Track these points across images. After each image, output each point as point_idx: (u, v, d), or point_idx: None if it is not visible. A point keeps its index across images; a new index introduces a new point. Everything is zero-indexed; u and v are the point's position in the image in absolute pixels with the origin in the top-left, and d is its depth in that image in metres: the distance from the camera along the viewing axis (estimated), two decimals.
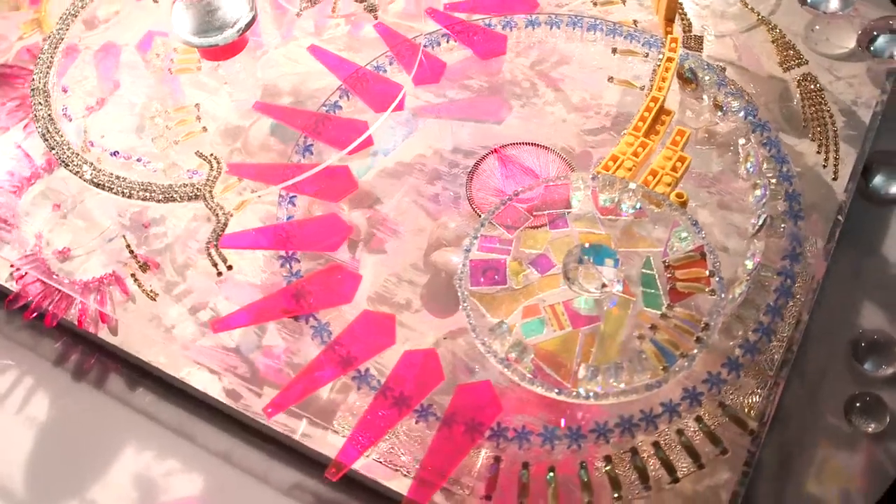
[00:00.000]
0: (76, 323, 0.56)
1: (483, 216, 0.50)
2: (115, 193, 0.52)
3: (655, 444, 0.46)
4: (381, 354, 0.48)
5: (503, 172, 0.54)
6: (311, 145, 0.56)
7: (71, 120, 0.57)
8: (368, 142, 0.56)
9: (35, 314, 0.58)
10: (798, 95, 0.58)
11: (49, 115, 0.56)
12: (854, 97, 0.58)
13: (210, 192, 0.52)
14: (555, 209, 0.51)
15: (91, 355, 0.57)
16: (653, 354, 0.45)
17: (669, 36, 0.58)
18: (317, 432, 0.48)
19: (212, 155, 0.53)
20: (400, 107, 0.57)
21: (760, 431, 0.46)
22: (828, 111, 0.56)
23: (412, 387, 0.47)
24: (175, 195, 0.52)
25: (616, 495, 0.44)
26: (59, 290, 0.58)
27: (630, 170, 0.52)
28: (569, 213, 0.50)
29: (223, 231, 0.51)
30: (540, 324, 0.47)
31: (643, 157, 0.52)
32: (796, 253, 0.49)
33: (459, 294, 0.48)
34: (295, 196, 0.54)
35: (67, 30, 0.60)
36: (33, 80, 0.58)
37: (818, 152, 0.55)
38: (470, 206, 0.53)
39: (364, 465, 0.47)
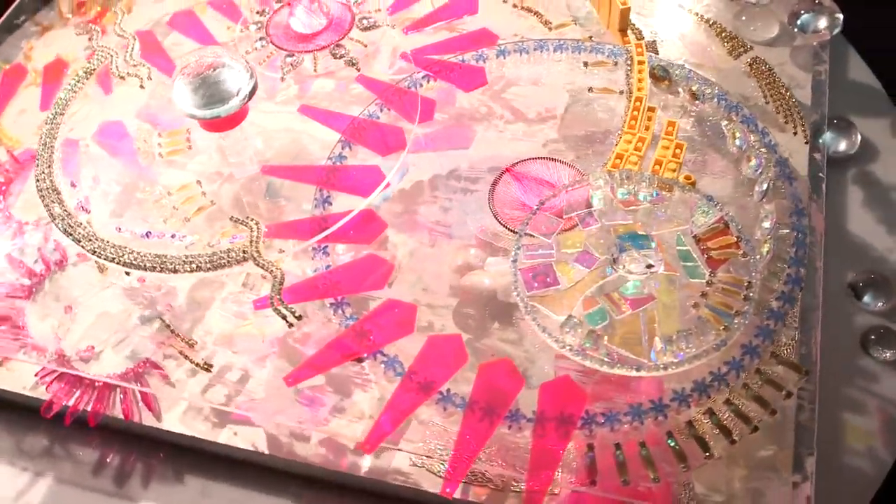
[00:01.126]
0: (122, 416, 0.55)
1: (519, 228, 0.53)
2: (160, 272, 0.53)
3: (727, 402, 0.49)
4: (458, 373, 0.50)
5: (521, 187, 0.57)
6: (329, 196, 0.58)
7: (89, 212, 0.57)
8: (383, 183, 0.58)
9: (74, 417, 0.57)
10: (753, 78, 0.64)
11: (66, 211, 0.56)
12: (800, 71, 0.65)
13: (258, 252, 0.52)
14: (581, 209, 0.54)
15: (134, 447, 0.57)
16: (711, 318, 0.49)
17: (634, 42, 0.63)
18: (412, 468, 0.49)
19: (248, 217, 0.54)
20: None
21: (813, 371, 0.50)
22: (783, 86, 0.63)
23: (496, 397, 0.49)
24: (224, 262, 0.52)
25: (707, 454, 0.47)
26: (95, 388, 0.57)
27: (636, 164, 0.57)
28: (594, 210, 0.54)
29: (282, 285, 0.51)
30: (602, 312, 0.50)
31: (644, 150, 0.57)
32: (800, 209, 0.54)
33: (520, 302, 0.51)
34: (326, 246, 0.56)
35: (58, 128, 0.60)
36: (38, 181, 0.58)
37: (786, 122, 0.61)
38: (498, 221, 0.56)
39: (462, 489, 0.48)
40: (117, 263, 0.54)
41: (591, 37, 0.67)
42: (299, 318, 0.51)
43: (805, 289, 0.52)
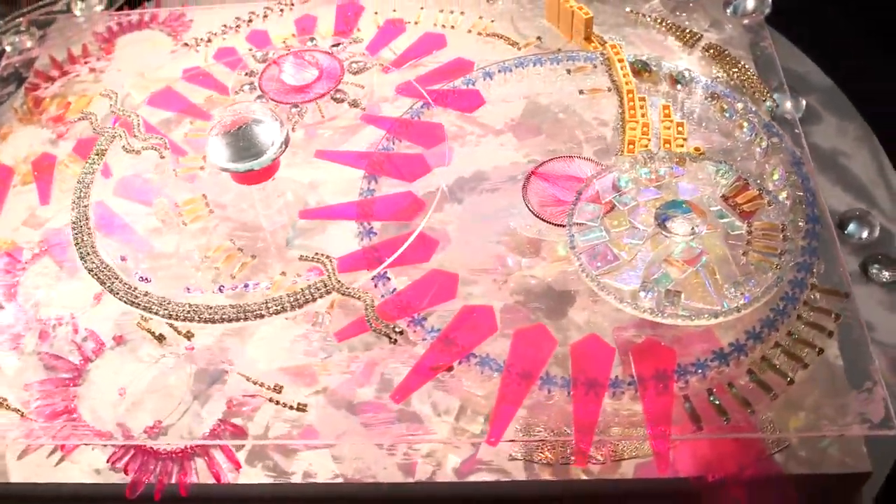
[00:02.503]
0: (214, 480, 0.55)
1: (567, 220, 0.57)
2: (249, 320, 0.53)
3: (789, 333, 0.54)
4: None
5: (552, 184, 0.61)
6: (371, 227, 0.60)
7: (149, 281, 0.56)
8: (422, 206, 0.61)
9: (163, 493, 0.56)
10: (713, 60, 0.71)
11: (127, 285, 0.55)
12: (750, 47, 0.73)
13: (339, 282, 0.54)
14: (613, 194, 0.59)
15: None
16: (762, 260, 0.54)
17: (609, 44, 0.69)
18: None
19: (316, 254, 0.55)
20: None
21: (851, 293, 0.56)
22: (742, 64, 0.70)
23: (593, 371, 0.52)
24: (308, 298, 0.53)
25: (788, 380, 0.52)
26: (175, 459, 0.56)
27: (646, 146, 0.62)
28: (625, 192, 0.59)
29: (374, 306, 0.53)
30: (666, 275, 0.54)
31: (650, 134, 0.63)
32: (798, 159, 0.61)
33: (590, 282, 0.54)
34: (386, 273, 0.58)
35: (87, 210, 0.59)
36: (84, 261, 0.57)
37: (753, 93, 0.68)
38: (541, 219, 0.60)
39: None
40: (198, 322, 0.54)
41: (559, 49, 0.73)
42: (401, 333, 0.53)
43: (822, 225, 0.58)
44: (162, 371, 0.59)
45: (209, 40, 0.78)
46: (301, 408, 0.54)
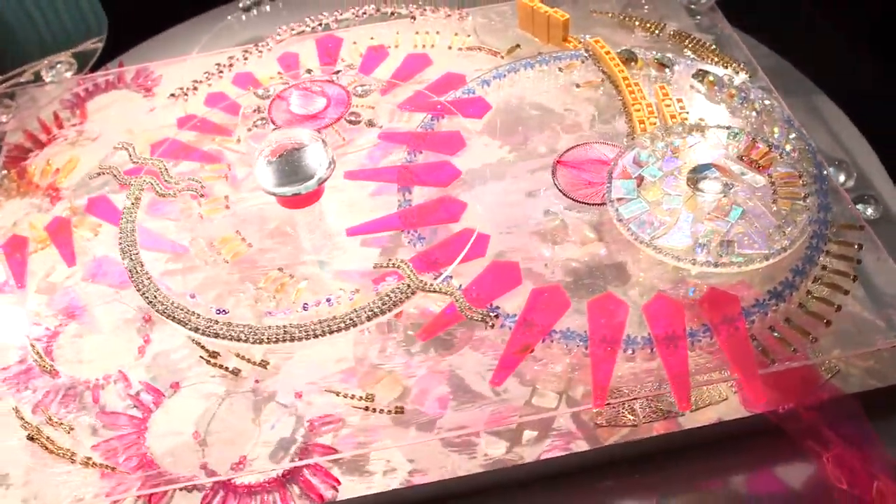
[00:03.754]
0: (317, 501, 0.55)
1: (605, 199, 0.61)
2: (331, 333, 0.54)
3: (823, 267, 0.60)
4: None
5: (580, 170, 0.65)
6: (419, 233, 0.62)
7: (227, 312, 0.56)
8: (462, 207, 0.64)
9: None
10: (681, 44, 0.77)
11: (207, 319, 0.55)
12: (709, 28, 0.79)
13: (422, 282, 0.56)
14: (639, 168, 0.63)
15: None
16: (791, 204, 0.60)
17: (591, 39, 0.74)
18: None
19: (390, 260, 0.57)
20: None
21: (864, 225, 0.62)
22: (705, 42, 0.77)
23: (669, 328, 0.56)
24: (393, 302, 0.55)
25: (837, 307, 0.57)
26: (272, 489, 0.56)
27: (654, 123, 0.67)
28: (649, 165, 0.63)
29: (463, 298, 0.55)
30: (710, 229, 0.59)
31: (656, 113, 0.68)
32: (789, 118, 0.68)
33: (645, 247, 0.58)
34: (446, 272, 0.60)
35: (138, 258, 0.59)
36: (154, 305, 0.57)
37: (726, 67, 0.74)
38: (577, 202, 0.63)
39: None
40: (288, 341, 0.54)
41: (539, 53, 0.77)
42: (496, 316, 0.55)
43: (826, 171, 0.64)
44: (231, 405, 0.59)
45: (195, 88, 0.78)
46: (399, 410, 0.55)
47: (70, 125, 0.81)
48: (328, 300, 0.56)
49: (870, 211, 0.70)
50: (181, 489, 0.56)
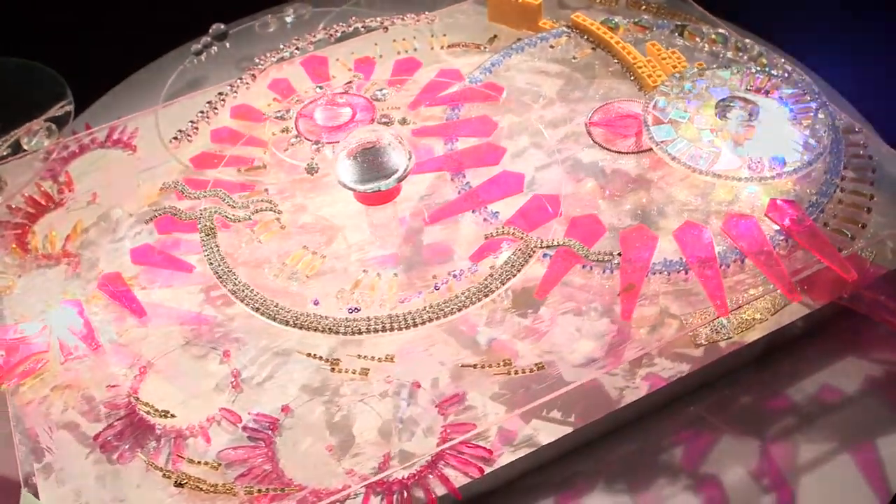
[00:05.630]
0: (476, 473, 0.57)
1: (647, 144, 0.67)
2: (464, 309, 0.56)
3: (844, 167, 0.68)
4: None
5: (610, 126, 0.70)
6: (489, 209, 0.65)
7: (360, 310, 0.57)
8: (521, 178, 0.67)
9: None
10: (641, 9, 0.84)
11: (345, 318, 0.56)
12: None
13: (538, 239, 0.58)
14: (669, 114, 0.69)
15: None
16: (808, 119, 0.67)
17: (573, 14, 0.80)
18: None
19: (503, 227, 0.59)
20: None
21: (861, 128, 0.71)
22: (659, 6, 0.84)
23: (704, 250, 0.62)
24: (517, 265, 0.57)
25: (868, 210, 0.65)
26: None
27: (661, 77, 0.74)
28: (676, 110, 0.69)
29: (581, 245, 0.58)
30: (751, 148, 0.65)
31: (658, 68, 0.74)
32: (769, 52, 0.76)
33: (705, 176, 0.64)
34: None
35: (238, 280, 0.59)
36: (276, 319, 0.57)
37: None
38: (618, 153, 0.69)
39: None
40: (419, 325, 0.55)
41: (519, 39, 0.82)
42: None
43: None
44: (361, 409, 0.59)
45: (196, 128, 0.77)
46: (540, 367, 0.57)
47: (59, 194, 0.78)
48: (454, 275, 0.58)
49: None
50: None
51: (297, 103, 0.74)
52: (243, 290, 0.58)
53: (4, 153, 0.79)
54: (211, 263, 0.60)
